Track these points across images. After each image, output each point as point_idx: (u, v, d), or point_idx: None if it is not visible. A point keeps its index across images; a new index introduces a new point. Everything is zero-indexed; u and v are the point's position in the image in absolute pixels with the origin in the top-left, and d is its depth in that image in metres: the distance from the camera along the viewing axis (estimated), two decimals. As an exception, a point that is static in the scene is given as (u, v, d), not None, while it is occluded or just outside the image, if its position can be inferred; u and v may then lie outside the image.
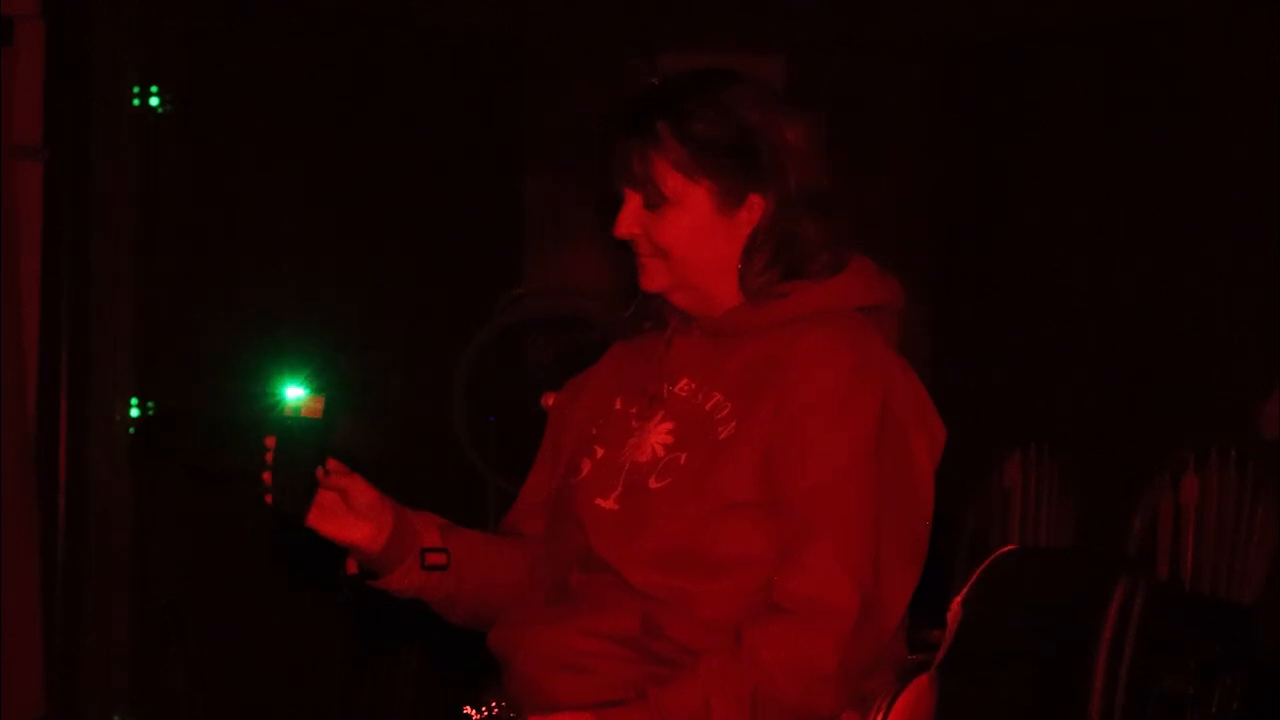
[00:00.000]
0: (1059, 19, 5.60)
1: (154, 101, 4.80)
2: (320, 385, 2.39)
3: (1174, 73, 5.40)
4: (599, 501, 2.53)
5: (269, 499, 2.41)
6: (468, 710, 2.41)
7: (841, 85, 5.82)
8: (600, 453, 2.58)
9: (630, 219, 2.55)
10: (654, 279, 2.56)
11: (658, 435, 2.53)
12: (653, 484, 2.49)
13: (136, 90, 4.78)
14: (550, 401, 2.82)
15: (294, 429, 2.38)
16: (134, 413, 4.76)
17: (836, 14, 5.69)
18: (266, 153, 5.09)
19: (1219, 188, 5.26)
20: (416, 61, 5.53)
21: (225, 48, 5.00)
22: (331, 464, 2.43)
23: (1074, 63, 5.72)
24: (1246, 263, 5.17)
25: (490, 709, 2.40)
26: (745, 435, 2.46)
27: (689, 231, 2.53)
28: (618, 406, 2.62)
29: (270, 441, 2.39)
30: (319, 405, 2.38)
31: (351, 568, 2.53)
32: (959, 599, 2.54)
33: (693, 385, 2.54)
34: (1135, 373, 5.46)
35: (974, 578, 2.56)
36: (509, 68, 5.86)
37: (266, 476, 2.40)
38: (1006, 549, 2.63)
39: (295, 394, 2.38)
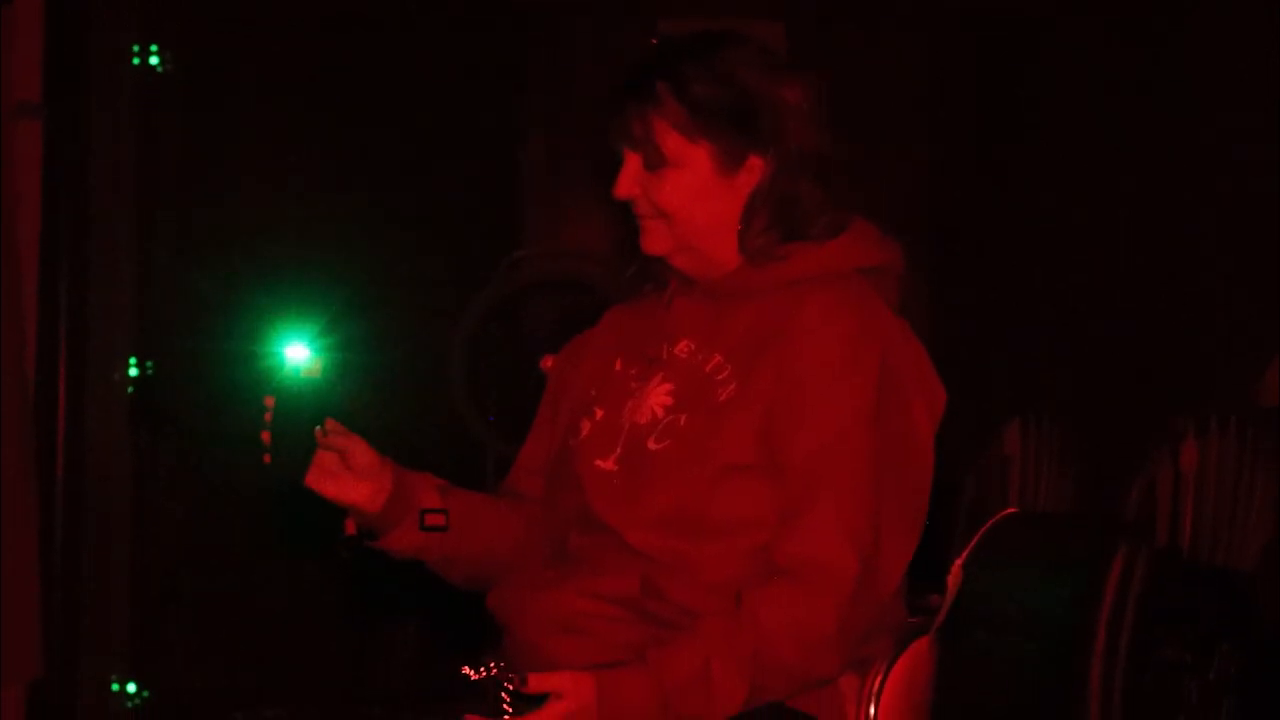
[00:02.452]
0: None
1: (154, 60, 4.78)
2: (320, 346, 2.39)
3: (1175, 42, 5.39)
4: (598, 463, 2.53)
5: (268, 459, 2.40)
6: (466, 671, 2.41)
7: (841, 54, 5.80)
8: (600, 414, 2.58)
9: (630, 180, 2.55)
10: (655, 242, 2.56)
11: (657, 397, 2.53)
12: (652, 445, 2.49)
13: (136, 49, 4.76)
14: (549, 364, 2.82)
15: (293, 389, 2.38)
16: (133, 372, 4.75)
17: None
18: (266, 114, 5.07)
19: (1220, 154, 5.25)
20: (418, 24, 5.52)
21: (225, 8, 4.98)
22: (330, 424, 2.43)
23: (1074, 31, 5.71)
24: (1247, 228, 5.17)
25: (489, 670, 2.40)
26: (745, 397, 2.46)
27: (689, 193, 2.52)
28: (617, 368, 2.62)
29: (269, 401, 2.39)
30: (318, 366, 2.38)
31: (350, 528, 2.53)
32: (959, 562, 2.54)
33: (693, 347, 2.54)
34: (1135, 341, 5.45)
35: (974, 541, 2.56)
36: (510, 31, 5.85)
37: (265, 436, 2.39)
38: (1007, 512, 2.63)
39: (295, 354, 2.38)
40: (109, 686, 4.76)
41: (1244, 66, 5.16)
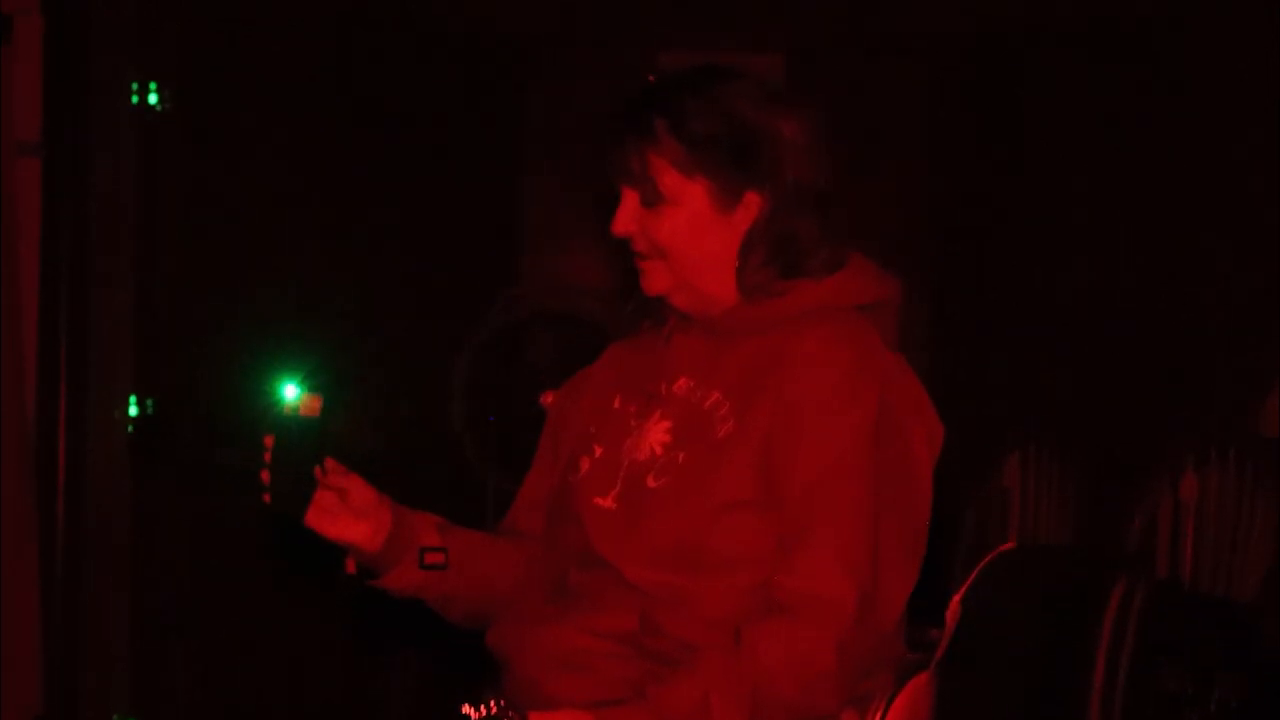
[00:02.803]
0: (1058, 16, 5.60)
1: (153, 99, 4.79)
2: (319, 384, 2.39)
3: (1173, 69, 5.40)
4: (598, 500, 2.53)
5: (267, 498, 2.41)
6: (466, 710, 2.41)
7: (841, 84, 5.82)
8: (599, 451, 2.58)
9: (628, 217, 2.55)
10: (655, 282, 2.56)
11: (656, 434, 2.53)
12: (651, 483, 2.49)
13: (135, 88, 4.77)
14: (549, 400, 2.82)
15: (292, 428, 2.38)
16: (133, 411, 4.76)
17: (836, 13, 5.69)
18: (265, 151, 5.08)
19: (1218, 184, 5.26)
20: (417, 60, 5.54)
21: (225, 46, 4.99)
22: (330, 463, 2.43)
23: (1073, 59, 5.72)
24: (1246, 259, 5.17)
25: (489, 708, 2.40)
26: (744, 433, 2.46)
27: (686, 229, 2.53)
28: (616, 405, 2.62)
29: (269, 441, 2.39)
30: (317, 404, 2.39)
31: (350, 567, 2.53)
32: (958, 597, 2.55)
33: (691, 384, 2.54)
34: (1135, 371, 5.46)
35: (973, 575, 2.56)
36: (509, 66, 5.86)
37: (265, 476, 2.40)
38: (1006, 547, 2.63)
39: (294, 393, 2.38)
40: (110, 724, 4.76)
41: (1245, 88, 5.17)
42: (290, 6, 5.15)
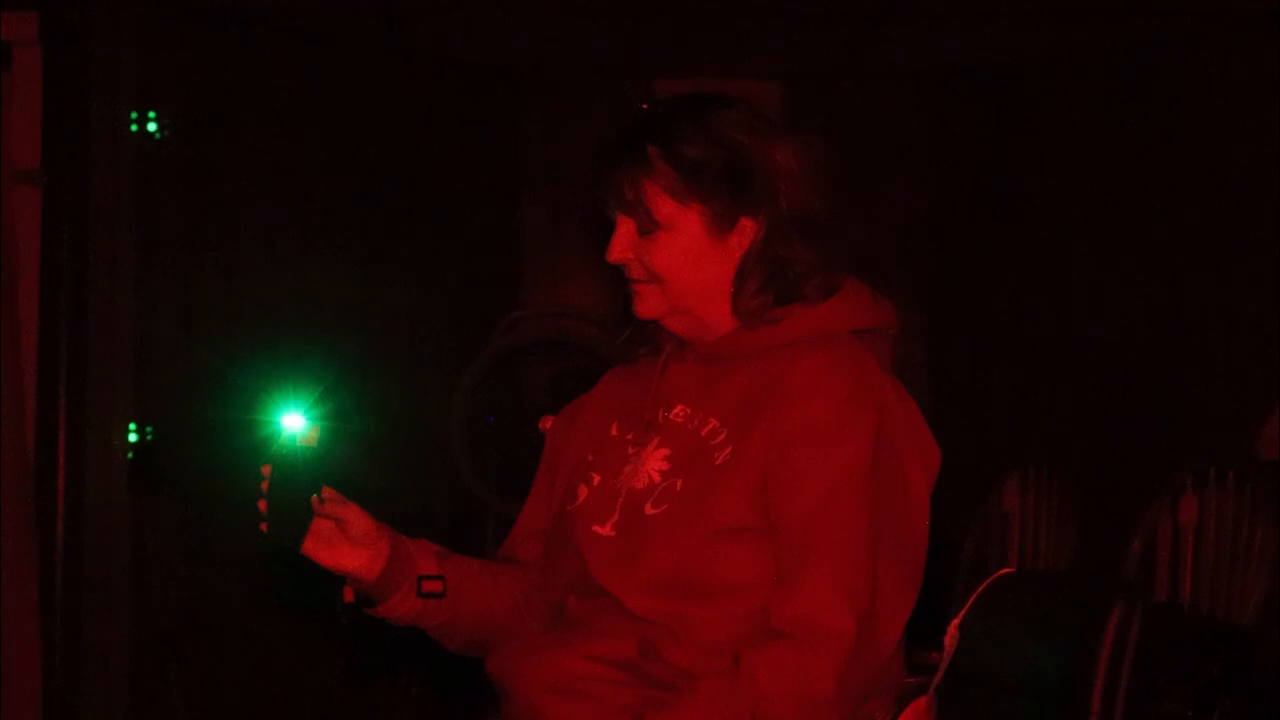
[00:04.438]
0: (1055, 46, 5.61)
1: (151, 127, 4.81)
2: (317, 414, 2.40)
3: (1171, 99, 5.41)
4: (596, 528, 2.53)
5: (264, 528, 2.41)
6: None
7: (840, 112, 5.83)
8: (597, 479, 2.58)
9: (623, 244, 2.55)
10: (648, 306, 2.56)
11: (654, 461, 2.53)
12: (649, 510, 2.49)
13: (134, 116, 4.79)
14: (548, 424, 2.82)
15: (290, 458, 2.38)
16: (132, 438, 4.76)
17: (835, 42, 5.70)
18: (264, 179, 5.10)
19: (1218, 211, 5.27)
20: (415, 89, 5.55)
21: (223, 74, 5.01)
22: (327, 492, 2.43)
23: (1070, 88, 5.74)
24: (1246, 284, 5.18)
25: (489, 735, 2.40)
26: (741, 460, 2.46)
27: (681, 256, 2.53)
28: (614, 433, 2.62)
29: (267, 470, 2.39)
30: (315, 434, 2.39)
31: (349, 596, 2.53)
32: (957, 621, 2.55)
33: (688, 411, 2.55)
34: (1134, 395, 5.46)
35: (971, 600, 2.56)
36: (507, 95, 5.88)
37: (262, 505, 2.40)
38: (1004, 571, 2.63)
39: (292, 423, 2.39)
40: (110, 752, 4.76)
41: (1243, 118, 5.18)
42: (287, 36, 5.16)
